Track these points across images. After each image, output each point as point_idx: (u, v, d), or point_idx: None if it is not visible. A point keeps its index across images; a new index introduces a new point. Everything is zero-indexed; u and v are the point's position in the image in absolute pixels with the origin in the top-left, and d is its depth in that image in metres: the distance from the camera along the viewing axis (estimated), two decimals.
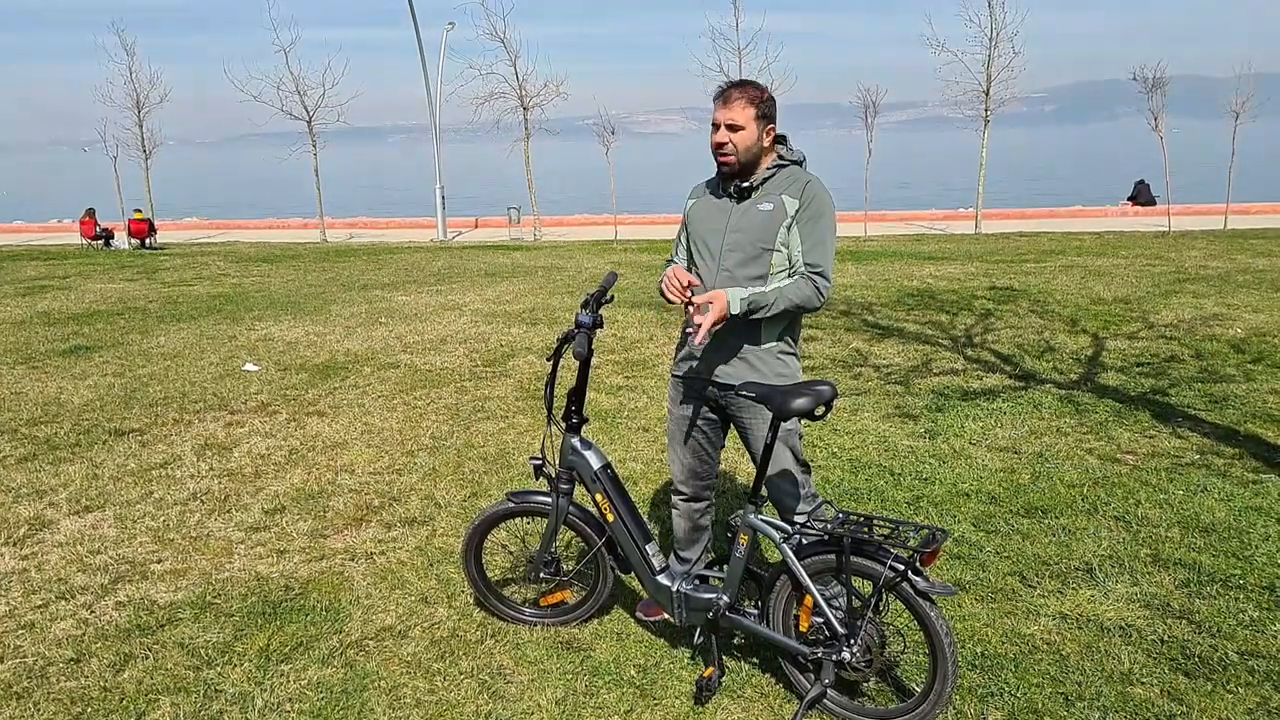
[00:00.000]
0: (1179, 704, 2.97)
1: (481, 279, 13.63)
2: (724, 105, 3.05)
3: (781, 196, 3.08)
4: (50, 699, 3.15)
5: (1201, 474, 4.89)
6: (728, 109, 3.03)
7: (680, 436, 3.37)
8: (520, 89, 21.33)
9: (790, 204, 3.06)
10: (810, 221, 3.05)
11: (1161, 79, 17.87)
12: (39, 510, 4.85)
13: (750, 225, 3.09)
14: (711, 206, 3.20)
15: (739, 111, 3.02)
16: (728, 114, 3.03)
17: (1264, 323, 8.56)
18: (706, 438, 3.35)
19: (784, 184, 3.10)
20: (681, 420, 3.35)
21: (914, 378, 7.06)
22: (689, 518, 3.48)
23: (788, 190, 3.08)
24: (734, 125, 3.03)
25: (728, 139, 3.04)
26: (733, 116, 3.02)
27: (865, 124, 20.24)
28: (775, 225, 3.06)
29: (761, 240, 3.07)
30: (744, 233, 3.09)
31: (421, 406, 6.66)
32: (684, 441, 3.36)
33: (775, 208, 3.07)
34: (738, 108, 3.02)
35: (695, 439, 3.35)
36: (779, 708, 3.02)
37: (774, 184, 3.11)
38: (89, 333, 9.85)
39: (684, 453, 3.38)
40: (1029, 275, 12.14)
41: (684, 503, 3.46)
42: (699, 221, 3.22)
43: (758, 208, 3.09)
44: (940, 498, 4.69)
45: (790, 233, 3.06)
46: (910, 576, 2.70)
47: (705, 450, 3.37)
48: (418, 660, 3.35)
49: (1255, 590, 3.66)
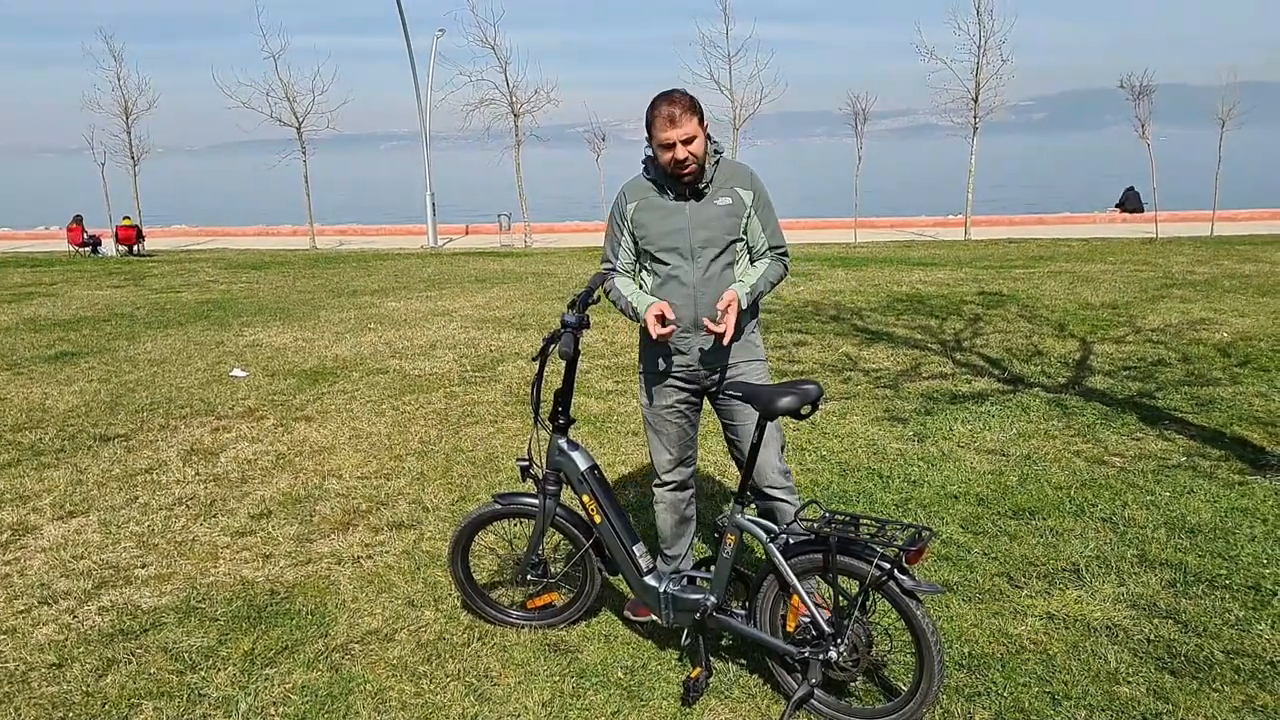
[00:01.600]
0: (1165, 702, 2.97)
1: (472, 285, 13.61)
2: (672, 124, 3.04)
3: (735, 189, 3.20)
4: (31, 704, 3.12)
5: (1188, 476, 4.90)
6: (678, 126, 3.04)
7: (664, 425, 3.38)
8: (510, 95, 21.38)
9: (745, 195, 3.21)
10: (765, 208, 3.25)
11: (1148, 87, 18.01)
12: (22, 516, 4.81)
13: (714, 220, 3.18)
14: (661, 207, 3.21)
15: (688, 123, 3.05)
16: (680, 131, 3.04)
17: (1250, 327, 8.61)
18: (690, 421, 3.41)
19: (728, 176, 3.21)
20: (665, 410, 3.36)
21: (903, 382, 7.08)
22: (675, 509, 3.48)
23: (737, 182, 3.21)
24: (689, 138, 3.06)
25: (687, 154, 3.07)
26: (686, 131, 3.05)
27: (855, 131, 20.33)
28: (737, 218, 3.20)
29: (729, 233, 3.20)
30: (712, 230, 3.18)
31: (410, 411, 6.64)
32: (669, 430, 3.38)
33: (733, 201, 3.19)
34: (686, 120, 3.04)
35: (679, 424, 3.38)
36: (766, 708, 3.01)
37: (720, 178, 3.21)
38: (75, 339, 9.80)
39: (668, 441, 3.40)
40: (1017, 281, 12.19)
41: (671, 493, 3.47)
42: (651, 224, 3.22)
43: (715, 204, 3.19)
44: (928, 500, 4.69)
45: (750, 222, 3.23)
46: (896, 575, 2.70)
47: (689, 434, 3.43)
48: (404, 663, 3.33)
49: (1241, 590, 3.67)
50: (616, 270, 3.34)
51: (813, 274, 13.50)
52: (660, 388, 3.35)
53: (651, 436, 3.44)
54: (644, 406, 3.43)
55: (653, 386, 3.37)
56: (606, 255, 3.37)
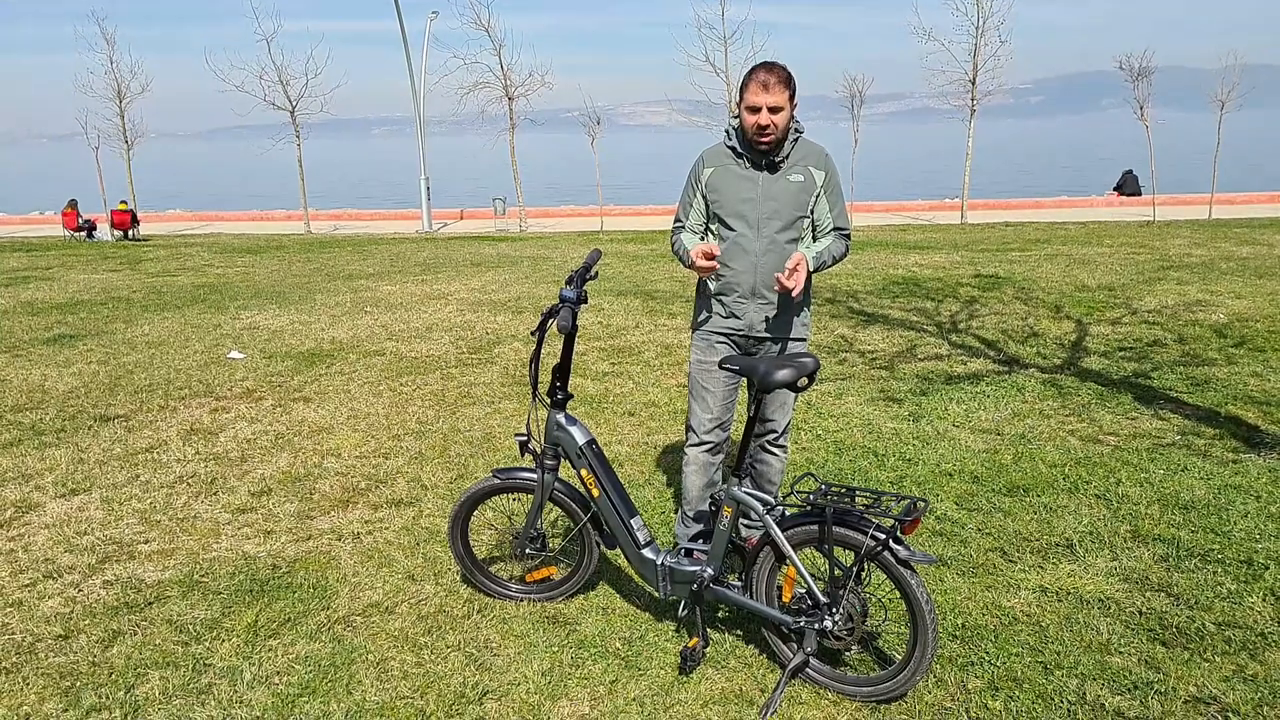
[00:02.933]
0: (1156, 672, 3.02)
1: (467, 269, 13.61)
2: (765, 90, 3.16)
3: (809, 168, 3.30)
4: (39, 673, 3.16)
5: (1182, 454, 4.95)
6: (770, 94, 3.16)
7: (712, 383, 3.47)
8: (505, 79, 21.30)
9: (818, 175, 3.32)
10: (834, 190, 3.36)
11: (1147, 68, 17.97)
12: (25, 493, 4.84)
13: (786, 195, 3.29)
14: (736, 176, 3.33)
15: (779, 94, 3.17)
16: (770, 98, 3.16)
17: (1246, 308, 8.65)
18: (735, 384, 3.51)
19: (804, 155, 3.32)
20: (715, 369, 3.45)
21: (899, 363, 7.11)
22: (705, 471, 3.57)
23: (811, 162, 3.31)
24: (776, 108, 3.17)
25: (770, 121, 3.17)
26: (775, 100, 3.16)
27: (852, 115, 20.29)
28: (808, 196, 3.31)
29: (798, 210, 3.31)
30: (781, 202, 3.29)
31: (407, 393, 6.66)
32: (716, 387, 3.47)
33: (806, 179, 3.30)
34: (778, 91, 3.17)
35: (727, 384, 3.48)
36: (762, 677, 3.06)
37: (796, 155, 3.31)
38: (73, 321, 9.80)
39: (713, 400, 3.49)
40: (1014, 264, 12.22)
41: (705, 453, 3.55)
42: (724, 190, 3.34)
43: (789, 179, 3.29)
44: (923, 477, 4.73)
45: (819, 201, 3.33)
46: (891, 546, 2.74)
47: (732, 397, 3.53)
48: (405, 635, 3.37)
49: (1233, 564, 3.72)
50: (685, 229, 3.46)
51: None
52: (712, 345, 3.46)
53: (695, 395, 3.53)
54: (693, 364, 3.53)
55: (705, 343, 3.48)
56: (678, 215, 3.49)
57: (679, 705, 2.93)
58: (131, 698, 3.02)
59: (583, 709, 2.93)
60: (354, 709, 2.94)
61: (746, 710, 2.89)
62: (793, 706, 2.90)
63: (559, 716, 2.90)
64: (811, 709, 2.89)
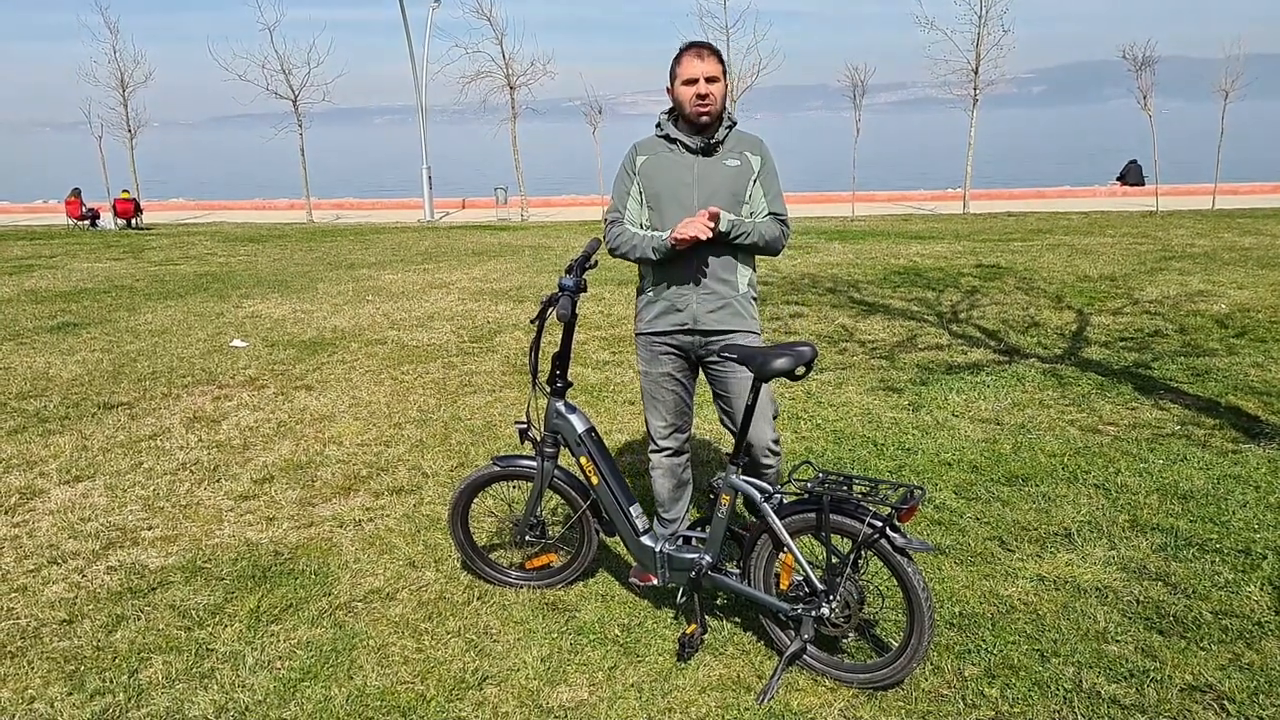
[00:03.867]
0: (1153, 660, 3.03)
1: (469, 258, 13.62)
2: (700, 59, 3.16)
3: (744, 153, 3.26)
4: (43, 658, 3.19)
5: (1182, 444, 4.96)
6: (705, 63, 3.16)
7: (661, 393, 3.43)
8: (507, 67, 21.23)
9: (754, 161, 3.27)
10: (770, 175, 3.30)
11: (1151, 57, 17.87)
12: (29, 480, 4.87)
13: (722, 179, 3.24)
14: (669, 162, 3.28)
15: (714, 65, 3.18)
16: (706, 67, 3.15)
17: (1248, 299, 8.64)
18: (684, 388, 3.45)
19: (738, 142, 3.29)
20: (661, 377, 3.41)
21: (899, 352, 7.12)
22: (672, 474, 3.53)
23: (747, 147, 3.28)
24: (712, 77, 3.16)
25: (709, 91, 3.15)
26: (711, 69, 3.16)
27: (854, 104, 20.22)
28: (744, 180, 3.26)
29: (734, 195, 3.25)
30: (717, 186, 3.23)
31: (409, 381, 6.68)
32: (665, 396, 3.43)
33: (742, 164, 3.25)
34: (713, 62, 3.18)
35: (675, 392, 3.43)
36: (759, 664, 3.08)
37: (732, 141, 3.28)
38: (76, 310, 9.82)
39: (664, 409, 3.44)
40: (1016, 254, 12.20)
41: (668, 458, 3.51)
42: (657, 176, 3.28)
43: (724, 163, 3.25)
44: (922, 467, 4.75)
45: (755, 187, 3.28)
46: (888, 533, 2.75)
47: (685, 401, 3.47)
48: (406, 621, 3.39)
49: (1231, 554, 3.73)
50: (623, 222, 3.33)
51: (810, 247, 13.50)
52: (656, 355, 3.40)
53: (648, 403, 3.49)
54: (641, 374, 3.49)
55: (649, 353, 3.41)
56: (614, 207, 3.37)
57: (677, 691, 2.95)
58: (135, 682, 3.05)
59: (581, 695, 2.95)
60: (355, 693, 2.97)
61: (744, 696, 2.92)
62: (790, 693, 2.92)
63: (558, 702, 2.92)
64: (809, 695, 2.91)
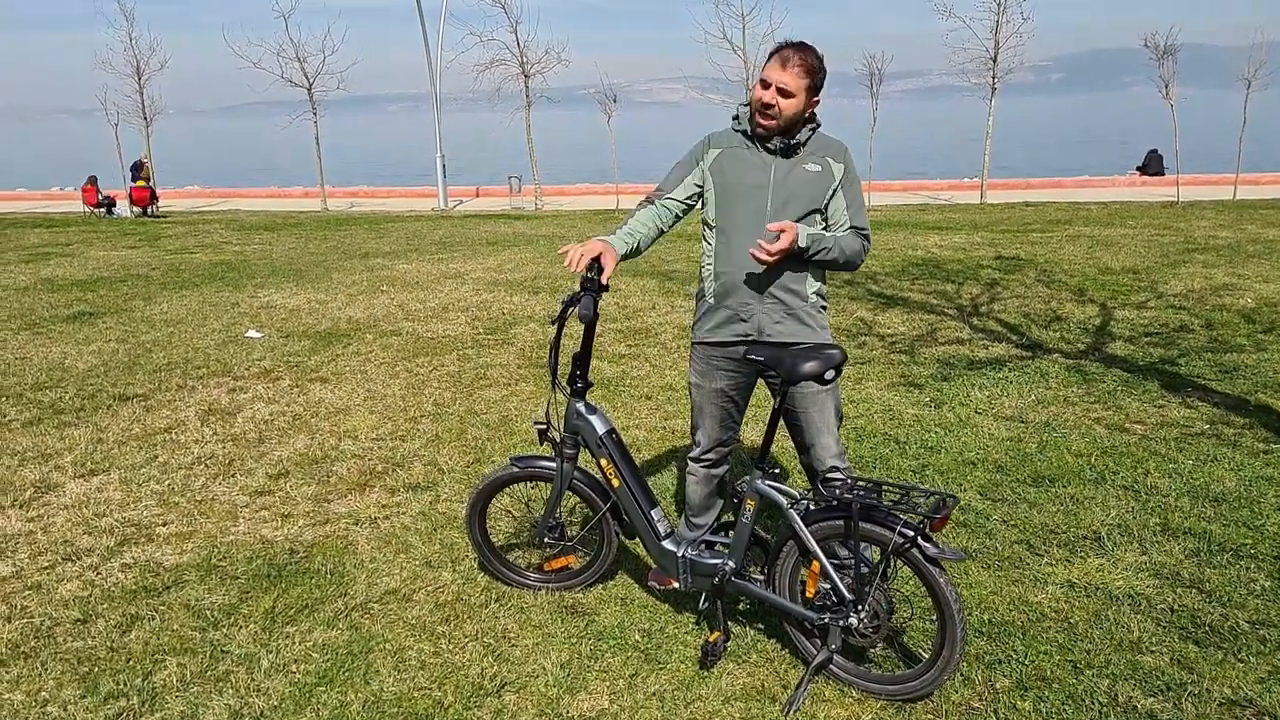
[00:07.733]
0: (1189, 672, 2.95)
1: (483, 248, 13.55)
2: (780, 67, 2.93)
3: (827, 159, 3.05)
4: (57, 659, 3.15)
5: (1211, 444, 4.85)
6: (784, 72, 2.92)
7: (710, 408, 3.26)
8: (521, 55, 21.11)
9: (836, 169, 3.06)
10: (852, 186, 3.09)
11: (1173, 45, 17.60)
12: (45, 473, 4.84)
13: (800, 184, 3.04)
14: (745, 159, 3.07)
15: (793, 78, 2.92)
16: (782, 77, 2.92)
17: (1275, 293, 8.49)
18: (736, 406, 3.27)
19: (821, 146, 3.08)
20: (714, 393, 3.23)
21: (919, 347, 7.02)
22: (708, 483, 3.41)
23: (830, 153, 3.07)
24: (785, 90, 2.93)
25: (775, 102, 2.94)
26: (786, 81, 2.92)
27: (871, 92, 20.01)
28: (824, 188, 3.05)
29: (811, 201, 3.05)
30: (795, 190, 3.03)
31: (424, 374, 6.63)
32: (715, 412, 3.26)
33: (823, 170, 3.05)
34: (793, 74, 2.92)
35: (725, 409, 3.26)
36: (784, 673, 3.01)
37: (814, 145, 3.07)
38: (92, 299, 9.82)
39: (712, 423, 3.28)
40: (1035, 245, 12.05)
41: (705, 469, 3.38)
42: (729, 172, 3.09)
43: (804, 168, 3.04)
44: (946, 466, 4.66)
45: (835, 196, 3.06)
46: (920, 543, 2.67)
47: (734, 418, 3.30)
48: (422, 623, 3.34)
49: (1266, 560, 3.64)
50: (658, 200, 3.18)
51: None
52: (712, 369, 3.20)
53: (695, 413, 3.32)
54: (692, 385, 3.29)
55: (705, 365, 3.22)
56: (661, 185, 3.21)
57: (700, 701, 2.89)
58: (149, 685, 3.01)
59: (602, 703, 2.89)
60: (371, 699, 2.92)
61: (768, 706, 2.85)
62: (816, 704, 2.86)
63: (578, 710, 2.86)
64: (835, 707, 2.84)
